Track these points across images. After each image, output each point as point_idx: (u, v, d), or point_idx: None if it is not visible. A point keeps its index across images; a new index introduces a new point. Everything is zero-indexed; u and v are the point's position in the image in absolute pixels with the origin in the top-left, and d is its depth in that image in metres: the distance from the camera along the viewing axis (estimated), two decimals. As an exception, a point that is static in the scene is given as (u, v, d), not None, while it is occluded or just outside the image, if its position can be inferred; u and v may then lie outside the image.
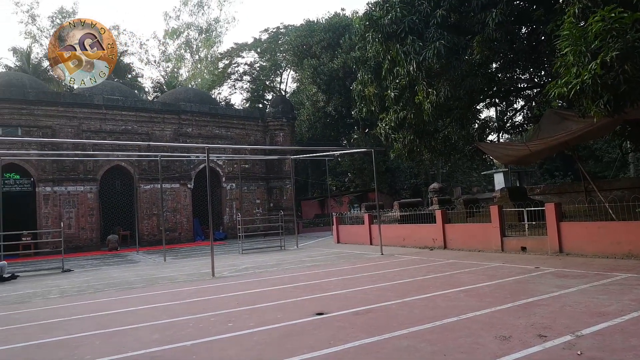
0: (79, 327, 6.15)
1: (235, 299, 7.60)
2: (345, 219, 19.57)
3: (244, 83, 47.27)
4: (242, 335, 5.24)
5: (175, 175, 24.38)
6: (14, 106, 20.96)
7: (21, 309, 7.95)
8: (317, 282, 8.93)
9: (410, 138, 13.78)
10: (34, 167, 21.18)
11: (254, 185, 27.42)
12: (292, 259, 13.50)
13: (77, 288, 10.06)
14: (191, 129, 25.40)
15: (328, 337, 4.89)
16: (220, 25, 48.34)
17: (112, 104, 23.25)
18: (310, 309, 6.34)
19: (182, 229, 24.71)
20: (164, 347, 4.91)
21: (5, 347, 5.32)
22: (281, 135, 27.87)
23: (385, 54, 12.46)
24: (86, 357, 4.72)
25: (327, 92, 31.80)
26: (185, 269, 12.70)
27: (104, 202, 23.36)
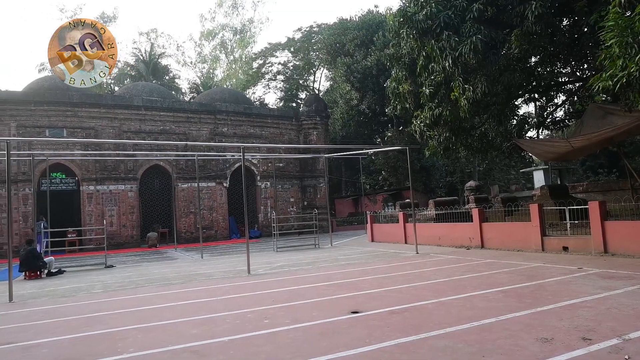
0: (121, 321, 6.36)
1: (271, 297, 7.68)
2: (380, 218, 19.45)
3: (278, 82, 47.70)
4: (278, 332, 5.29)
5: (211, 174, 24.84)
6: (60, 108, 21.87)
7: (68, 302, 8.30)
8: (352, 281, 8.92)
9: (445, 135, 13.56)
10: (78, 166, 22.04)
11: (288, 184, 27.62)
12: (327, 257, 13.53)
13: (119, 283, 10.41)
14: (226, 128, 25.81)
15: (364, 336, 4.88)
16: (254, 26, 48.89)
17: (150, 105, 23.91)
18: (345, 307, 6.34)
19: (218, 226, 25.17)
20: (202, 342, 5.02)
21: (53, 339, 5.57)
22: (315, 134, 27.95)
23: (420, 51, 12.30)
24: (129, 349, 4.88)
25: (360, 90, 31.66)
26: (222, 266, 12.94)
27: (144, 200, 24.06)
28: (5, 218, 19.92)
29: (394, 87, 14.51)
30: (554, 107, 16.40)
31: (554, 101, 16.26)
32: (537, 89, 14.68)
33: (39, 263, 12.49)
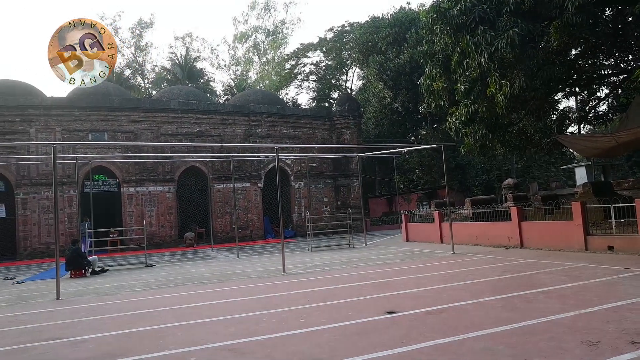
0: (162, 319, 6.54)
1: (306, 296, 7.72)
2: (414, 217, 19.23)
3: (310, 83, 47.85)
4: (314, 331, 5.31)
5: (246, 174, 25.19)
6: (101, 113, 22.69)
7: (111, 300, 8.60)
8: (387, 281, 8.86)
9: (482, 132, 13.26)
10: (119, 169, 22.79)
11: (322, 184, 27.68)
12: (361, 257, 13.48)
13: (159, 282, 10.70)
14: (260, 129, 26.11)
15: (400, 336, 4.84)
16: (286, 27, 49.29)
17: (187, 108, 24.47)
18: (381, 307, 6.30)
19: (253, 226, 25.49)
20: (239, 340, 5.09)
21: (99, 335, 5.79)
22: (348, 134, 27.89)
23: (455, 46, 12.07)
24: (169, 346, 5.01)
25: (393, 88, 31.36)
26: (257, 265, 13.10)
27: (181, 201, 24.64)
28: (52, 219, 20.86)
29: (427, 85, 14.30)
30: (597, 100, 15.77)
31: (597, 95, 15.64)
32: (578, 83, 14.15)
33: (83, 262, 13.01)
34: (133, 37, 45.56)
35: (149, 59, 47.27)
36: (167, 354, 4.76)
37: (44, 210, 21.33)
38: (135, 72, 46.01)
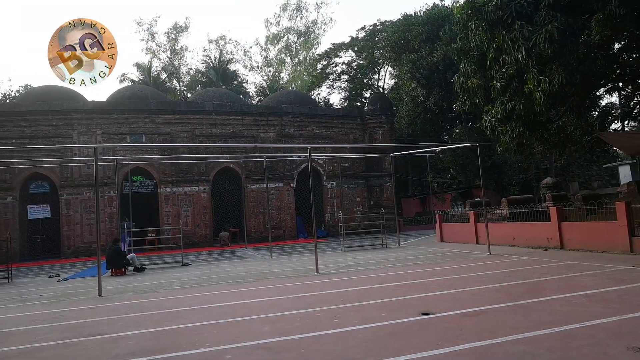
0: (198, 317, 6.67)
1: (340, 296, 7.72)
2: (449, 217, 18.91)
3: (342, 82, 47.79)
4: (347, 331, 5.30)
5: (278, 175, 25.40)
6: (139, 116, 23.37)
7: (149, 297, 8.84)
8: (422, 281, 8.75)
9: (519, 130, 12.91)
10: (156, 170, 23.41)
11: (354, 184, 27.61)
12: (395, 257, 13.37)
13: (195, 281, 10.93)
14: (293, 129, 26.28)
15: (435, 338, 4.77)
16: (317, 27, 49.41)
17: (221, 110, 24.90)
18: (415, 308, 6.23)
19: (286, 226, 25.68)
20: (274, 339, 5.14)
21: (138, 332, 5.96)
22: (380, 133, 27.71)
23: (490, 43, 11.81)
24: (206, 344, 5.10)
25: (426, 86, 30.97)
26: (291, 265, 13.18)
27: (216, 201, 25.08)
28: (94, 219, 21.63)
29: (462, 82, 14.05)
30: (642, 96, 15.09)
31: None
32: (622, 78, 13.57)
33: (122, 261, 13.43)
34: (169, 41, 46.73)
35: (184, 62, 48.33)
36: (203, 352, 4.85)
37: (86, 210, 22.14)
38: (171, 75, 47.13)
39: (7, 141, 21.39)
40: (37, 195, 22.61)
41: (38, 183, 22.67)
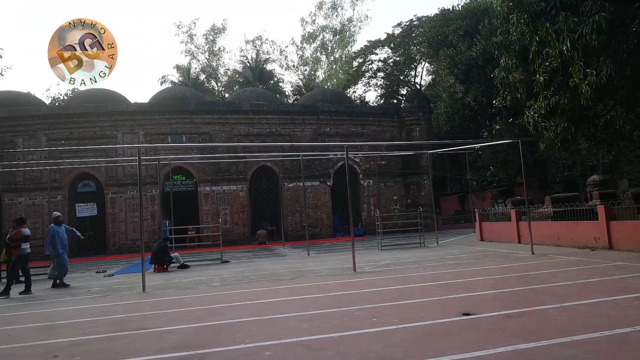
0: (237, 313, 6.79)
1: (378, 295, 7.67)
2: (489, 215, 18.45)
3: (378, 80, 47.41)
4: (386, 330, 5.26)
5: (315, 173, 25.48)
6: (179, 116, 23.99)
7: (191, 294, 9.07)
8: (462, 281, 8.57)
9: (563, 126, 12.40)
10: (196, 169, 23.96)
11: (391, 182, 27.36)
12: (433, 257, 13.17)
13: (234, 278, 11.12)
14: (329, 128, 26.29)
15: (477, 340, 4.66)
16: (353, 25, 49.18)
17: (258, 109, 25.21)
18: (455, 308, 6.11)
19: (322, 225, 25.74)
20: (312, 337, 5.16)
21: (181, 327, 6.12)
22: (417, 130, 27.33)
23: (532, 35, 11.40)
24: (246, 340, 5.19)
25: (465, 82, 30.29)
26: (328, 263, 13.21)
27: (253, 199, 25.43)
28: (137, 216, 22.38)
29: (502, 77, 13.62)
30: (699, 87, 14.21)
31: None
32: (676, 69, 12.83)
33: (166, 258, 13.83)
34: (207, 42, 47.68)
35: (222, 63, 49.19)
36: (243, 347, 4.93)
37: (130, 208, 22.92)
38: (209, 76, 48.08)
39: (57, 142, 22.41)
40: (84, 194, 23.61)
41: (85, 182, 23.66)
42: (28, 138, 22.48)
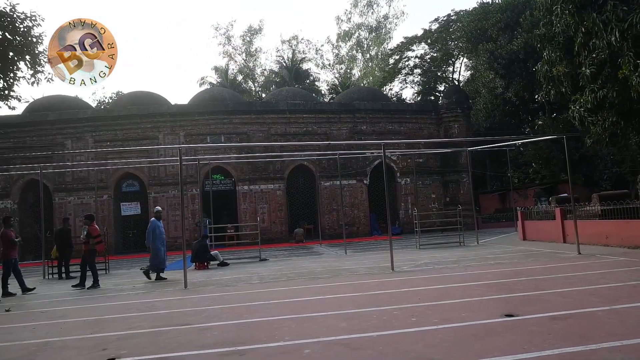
0: (276, 311, 6.86)
1: (417, 294, 7.58)
2: (532, 214, 17.88)
3: (415, 76, 46.76)
4: (426, 331, 5.19)
5: (352, 172, 25.42)
6: (218, 117, 24.47)
7: (231, 291, 9.24)
8: (504, 282, 8.35)
9: (612, 120, 11.89)
10: (234, 168, 24.38)
11: (429, 180, 26.96)
12: (473, 256, 12.88)
13: (272, 276, 11.25)
14: (365, 126, 26.18)
15: (521, 342, 4.53)
16: (389, 22, 48.68)
17: (294, 109, 25.39)
18: (497, 309, 5.96)
19: (359, 223, 25.65)
20: (351, 336, 5.15)
21: (221, 323, 6.25)
22: (456, 127, 26.81)
23: (578, 27, 10.98)
24: (285, 338, 5.24)
25: (505, 76, 29.45)
26: (365, 262, 13.16)
27: (290, 198, 25.64)
28: (179, 215, 23.00)
29: (546, 70, 13.20)
30: None
31: None
32: None
33: (206, 256, 14.15)
34: (244, 43, 48.36)
35: (259, 64, 49.76)
36: (282, 345, 4.98)
37: (171, 207, 23.57)
38: (246, 77, 48.76)
39: (103, 144, 23.31)
40: (128, 193, 24.48)
41: (129, 182, 24.53)
42: (76, 140, 23.50)
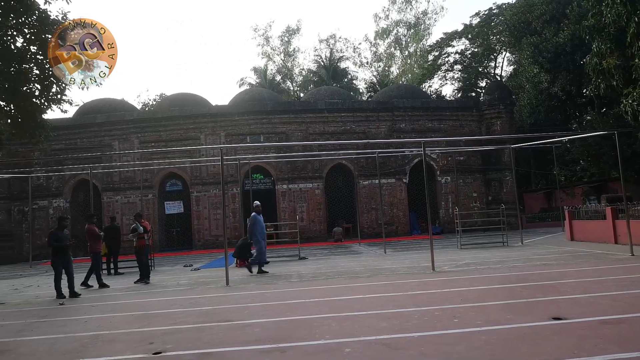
0: (316, 309, 6.89)
1: (459, 295, 7.43)
2: (580, 213, 17.15)
3: (455, 73, 45.81)
4: (469, 332, 5.09)
5: (390, 170, 25.19)
6: (257, 117, 24.81)
7: (271, 289, 9.35)
8: (551, 283, 8.06)
9: (668, 114, 11.26)
10: (273, 168, 24.66)
11: (470, 178, 26.35)
12: (518, 256, 12.50)
13: (311, 274, 11.31)
14: (404, 124, 25.87)
15: (570, 346, 4.37)
16: (428, 18, 47.87)
17: (332, 108, 25.40)
18: (544, 312, 5.77)
19: (398, 222, 25.39)
20: (392, 336, 5.12)
21: (262, 320, 6.34)
22: (498, 124, 26.06)
23: (630, 16, 10.45)
24: (325, 336, 5.25)
25: (551, 71, 28.39)
26: (405, 261, 13.02)
27: (329, 197, 25.67)
28: (220, 214, 23.50)
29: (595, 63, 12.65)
30: None
31: None
32: None
33: (247, 254, 14.35)
34: (282, 44, 48.78)
35: (297, 64, 50.04)
36: (323, 343, 5.00)
37: (213, 206, 24.10)
38: (284, 76, 49.18)
39: (147, 145, 24.10)
40: (172, 192, 25.21)
41: (173, 181, 25.25)
42: (123, 141, 24.42)
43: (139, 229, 11.69)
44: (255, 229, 12.11)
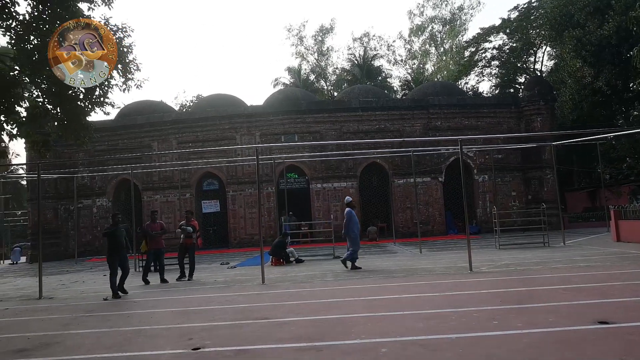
0: (351, 309, 6.88)
1: (498, 296, 7.25)
2: (627, 213, 16.41)
3: (492, 69, 44.63)
4: (509, 335, 4.96)
5: (426, 169, 24.83)
6: (291, 117, 24.97)
7: (306, 287, 9.40)
8: (596, 286, 7.75)
9: None
10: (308, 167, 24.76)
11: (509, 177, 25.67)
12: (560, 257, 12.09)
13: (347, 273, 11.29)
14: (440, 122, 25.46)
15: (617, 351, 4.19)
16: (464, 13, 46.93)
17: (366, 106, 25.26)
18: (589, 315, 5.55)
19: (434, 222, 25.01)
20: (429, 337, 5.05)
21: (298, 318, 6.38)
22: (538, 120, 25.26)
23: (682, 6, 9.90)
24: (361, 335, 5.24)
25: (595, 64, 27.23)
26: (441, 261, 12.81)
27: (363, 196, 25.55)
28: (255, 212, 23.79)
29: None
30: None
31: None
32: None
33: (282, 253, 14.52)
34: (316, 43, 48.90)
35: (330, 63, 50.04)
36: (359, 342, 4.98)
37: (248, 205, 24.44)
38: (318, 76, 49.28)
39: (185, 145, 24.67)
40: (209, 191, 25.75)
41: (209, 181, 25.77)
42: (161, 142, 25.10)
43: (188, 229, 11.99)
44: (352, 224, 12.18)
